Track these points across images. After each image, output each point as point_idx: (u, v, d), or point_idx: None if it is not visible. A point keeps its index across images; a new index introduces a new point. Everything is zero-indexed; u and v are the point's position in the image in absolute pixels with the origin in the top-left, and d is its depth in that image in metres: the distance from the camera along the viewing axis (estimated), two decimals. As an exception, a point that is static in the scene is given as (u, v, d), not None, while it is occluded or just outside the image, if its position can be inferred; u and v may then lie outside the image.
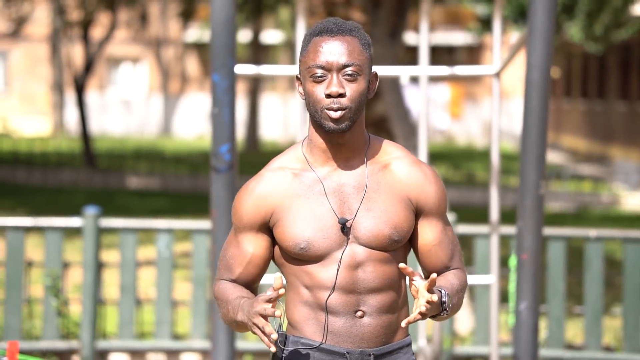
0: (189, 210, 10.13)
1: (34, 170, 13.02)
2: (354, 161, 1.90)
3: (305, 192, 1.89)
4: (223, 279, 1.95)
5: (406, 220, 1.89)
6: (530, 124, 3.08)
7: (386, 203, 1.89)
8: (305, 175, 1.90)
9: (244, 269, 1.93)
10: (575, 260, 5.75)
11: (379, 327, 1.88)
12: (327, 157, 1.90)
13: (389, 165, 1.91)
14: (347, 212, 1.88)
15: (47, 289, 4.57)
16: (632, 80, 15.98)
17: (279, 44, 21.88)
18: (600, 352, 4.51)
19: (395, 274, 1.90)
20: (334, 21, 1.89)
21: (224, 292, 1.92)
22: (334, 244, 1.87)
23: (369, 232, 1.87)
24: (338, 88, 1.84)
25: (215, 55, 3.06)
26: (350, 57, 1.85)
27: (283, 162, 1.93)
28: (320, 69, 1.85)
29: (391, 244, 1.88)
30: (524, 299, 3.09)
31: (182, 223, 4.80)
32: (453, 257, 1.94)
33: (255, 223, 1.90)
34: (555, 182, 12.70)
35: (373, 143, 1.93)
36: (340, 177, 1.90)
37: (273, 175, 1.92)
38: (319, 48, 1.85)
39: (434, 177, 1.93)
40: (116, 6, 13.88)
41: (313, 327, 1.89)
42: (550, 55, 3.06)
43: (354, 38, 1.87)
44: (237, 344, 4.49)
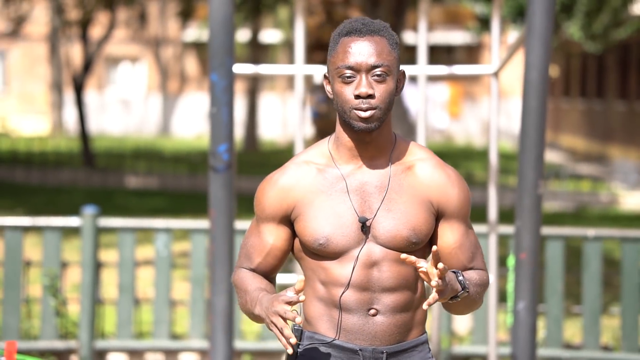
0: (187, 209, 10.13)
1: (33, 170, 13.01)
2: (379, 161, 1.92)
3: (328, 188, 1.91)
4: (243, 267, 1.97)
5: (425, 223, 1.90)
6: (529, 123, 3.08)
7: (406, 205, 1.90)
8: (329, 172, 1.92)
9: (263, 259, 1.95)
10: (574, 260, 5.75)
11: (392, 325, 1.90)
12: (352, 155, 1.91)
13: (413, 167, 1.93)
14: (368, 211, 1.90)
15: (45, 288, 4.57)
16: (631, 80, 15.98)
17: (277, 43, 21.87)
18: (599, 351, 4.51)
19: (411, 274, 1.91)
20: (363, 21, 1.89)
21: (242, 281, 1.94)
22: (353, 242, 1.89)
23: (387, 232, 1.89)
24: (367, 89, 1.85)
25: (214, 54, 3.06)
26: (379, 57, 1.86)
27: (309, 156, 1.95)
28: (349, 70, 1.86)
29: (409, 246, 1.89)
30: (522, 299, 3.09)
31: (181, 223, 4.80)
32: (474, 260, 1.94)
33: (277, 215, 1.92)
34: (554, 181, 12.70)
35: (399, 143, 1.94)
36: (363, 176, 1.91)
37: (298, 168, 1.93)
38: (347, 49, 1.86)
39: (457, 180, 1.93)
40: (115, 5, 13.87)
41: (327, 324, 1.91)
42: (548, 55, 3.06)
43: (382, 38, 1.88)
44: (236, 343, 4.49)
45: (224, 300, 3.06)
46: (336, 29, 1.93)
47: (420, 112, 3.66)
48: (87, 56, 13.78)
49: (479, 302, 1.92)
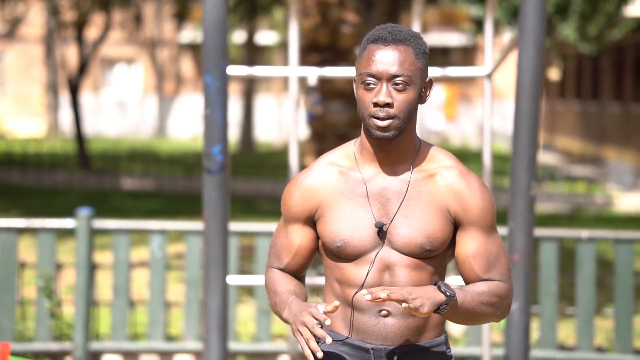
0: (183, 211, 10.13)
1: (28, 172, 13.00)
2: (401, 167, 1.93)
3: (349, 192, 1.93)
4: (273, 266, 2.03)
5: (441, 231, 1.91)
6: (522, 125, 3.09)
7: (423, 212, 1.91)
8: (351, 175, 1.94)
9: (292, 259, 2.00)
10: (568, 261, 5.77)
11: (404, 327, 1.91)
12: (374, 160, 1.93)
13: (435, 175, 1.93)
14: (385, 216, 1.92)
15: (39, 290, 4.56)
16: (626, 82, 16.02)
17: (273, 44, 21.88)
18: (592, 352, 4.52)
19: (425, 282, 1.92)
20: (390, 29, 1.91)
21: (273, 282, 2.00)
22: (369, 246, 1.92)
23: (402, 238, 1.91)
24: (385, 97, 1.87)
25: (207, 56, 3.06)
26: (400, 67, 1.87)
27: (334, 157, 1.98)
28: (371, 77, 1.88)
29: (423, 253, 1.91)
30: (515, 300, 3.10)
31: (175, 224, 4.80)
32: (490, 271, 1.91)
33: (302, 215, 1.96)
34: (549, 183, 12.73)
35: (423, 150, 1.95)
36: (384, 181, 1.93)
37: (322, 170, 1.97)
38: (372, 56, 1.89)
39: (479, 189, 1.92)
40: (110, 7, 13.86)
41: (341, 322, 1.95)
42: (541, 56, 3.07)
43: (407, 47, 1.89)
44: (230, 345, 4.49)
45: (218, 302, 3.07)
46: (367, 34, 1.97)
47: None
48: (83, 58, 13.77)
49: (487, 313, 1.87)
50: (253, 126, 18.57)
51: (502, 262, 1.93)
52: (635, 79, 15.54)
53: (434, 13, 22.26)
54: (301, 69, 3.64)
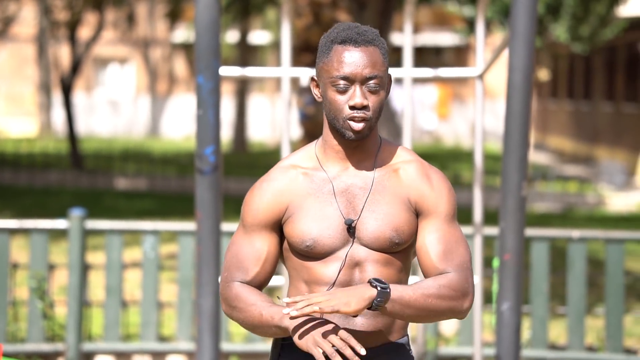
0: (176, 211, 10.12)
1: (21, 172, 12.96)
2: (365, 163, 1.94)
3: (316, 191, 1.93)
4: (235, 280, 1.94)
5: (407, 223, 1.91)
6: (513, 125, 3.11)
7: (389, 205, 1.91)
8: (316, 175, 1.94)
9: (261, 268, 1.94)
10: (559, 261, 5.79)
11: (372, 327, 1.90)
12: (339, 158, 1.94)
13: (398, 170, 1.95)
14: (352, 212, 1.92)
15: (32, 291, 4.56)
16: (618, 82, 16.08)
17: (266, 44, 21.88)
18: (583, 352, 4.54)
19: (394, 277, 1.92)
20: (357, 30, 1.90)
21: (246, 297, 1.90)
22: (339, 243, 1.91)
23: (370, 233, 1.91)
24: (362, 100, 1.87)
25: (200, 56, 3.06)
26: (374, 68, 1.88)
27: (294, 160, 1.97)
28: (344, 80, 1.88)
29: (392, 246, 1.91)
30: (506, 300, 3.11)
31: (168, 225, 4.80)
32: (446, 259, 1.89)
33: (269, 220, 1.94)
34: (541, 182, 12.76)
35: (384, 146, 1.97)
36: (349, 178, 1.93)
37: (285, 173, 1.96)
38: (342, 58, 1.88)
39: (438, 181, 1.94)
40: (103, 6, 13.84)
41: None
42: (532, 57, 3.08)
43: (375, 48, 1.90)
44: (223, 345, 4.49)
45: (210, 302, 3.07)
46: (327, 33, 1.94)
47: (407, 114, 3.68)
48: (75, 57, 13.74)
49: (437, 307, 1.83)
50: (246, 126, 18.56)
51: (460, 252, 1.90)
52: (627, 78, 15.60)
53: (427, 13, 22.29)
54: (293, 69, 3.64)
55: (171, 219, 9.16)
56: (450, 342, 4.98)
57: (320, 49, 1.93)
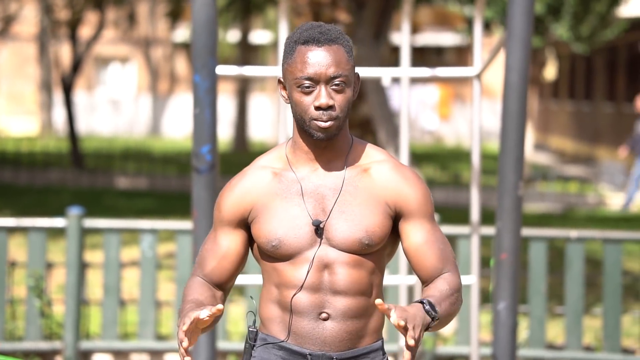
0: (176, 210, 10.12)
1: (21, 170, 12.97)
2: (335, 163, 1.92)
3: (284, 191, 1.91)
4: (195, 275, 1.96)
5: (380, 225, 1.89)
6: (509, 125, 3.11)
7: (361, 207, 1.89)
8: (285, 175, 1.92)
9: (218, 263, 1.94)
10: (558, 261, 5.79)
11: (343, 331, 1.87)
12: (308, 158, 1.92)
13: (369, 170, 1.92)
14: (322, 213, 1.89)
15: (30, 289, 4.56)
16: (619, 82, 16.07)
17: (267, 44, 21.88)
18: (581, 352, 4.54)
19: (365, 280, 1.89)
20: (320, 29, 1.88)
21: (187, 290, 1.93)
22: (306, 244, 1.88)
23: (340, 234, 1.88)
24: (327, 100, 1.85)
25: (197, 56, 3.07)
26: (338, 67, 1.86)
27: (266, 161, 1.96)
28: (309, 81, 1.86)
29: (362, 248, 1.88)
30: (503, 299, 3.11)
31: (166, 223, 4.81)
32: (444, 258, 1.90)
33: (234, 218, 1.92)
34: (542, 183, 12.76)
35: (355, 146, 1.94)
36: (318, 179, 1.91)
37: (255, 172, 1.95)
38: (306, 59, 1.86)
39: (415, 180, 1.92)
40: (104, 5, 13.84)
41: (279, 326, 1.90)
42: (528, 57, 3.09)
43: (339, 47, 1.88)
44: (220, 344, 4.50)
45: (207, 301, 3.08)
46: (291, 34, 1.93)
47: (403, 114, 3.68)
48: (76, 56, 13.75)
49: (456, 311, 1.87)
50: (247, 125, 18.57)
51: (449, 249, 1.93)
52: (628, 79, 15.59)
53: (428, 12, 22.28)
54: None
55: (171, 218, 9.16)
56: (448, 341, 4.98)
57: (285, 50, 1.91)
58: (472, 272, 3.58)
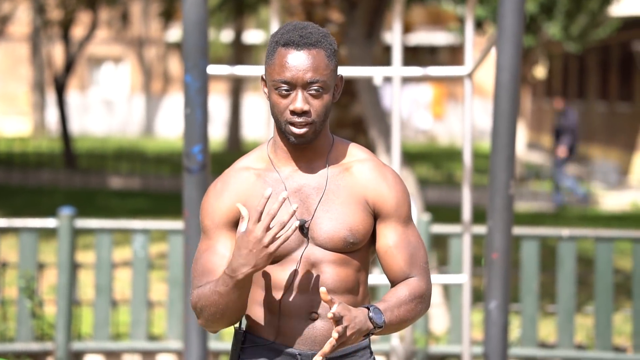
0: (169, 210, 10.11)
1: (13, 171, 12.93)
2: (316, 163, 1.91)
3: None
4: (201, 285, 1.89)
5: (362, 222, 1.89)
6: (500, 124, 3.11)
7: (344, 205, 1.89)
8: (268, 176, 1.91)
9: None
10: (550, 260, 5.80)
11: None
12: (290, 158, 1.91)
13: (351, 168, 1.92)
14: (306, 213, 1.89)
15: (21, 290, 4.55)
16: (611, 81, 16.11)
17: (261, 43, 21.86)
18: (573, 350, 4.55)
19: (352, 278, 1.90)
20: (301, 32, 1.87)
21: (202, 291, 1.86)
22: (293, 244, 1.88)
23: (325, 233, 1.88)
24: (302, 105, 1.84)
25: (187, 55, 3.06)
26: (315, 73, 1.84)
27: (247, 162, 1.95)
28: (285, 84, 1.85)
29: (346, 246, 1.89)
30: (494, 298, 3.11)
31: (158, 224, 4.79)
32: (412, 262, 1.91)
33: (228, 221, 1.90)
34: (535, 182, 12.78)
35: (337, 145, 1.94)
36: (301, 178, 1.91)
37: (238, 175, 1.93)
38: (284, 62, 1.85)
39: (394, 180, 1.92)
40: (97, 5, 13.81)
41: (267, 327, 1.89)
42: (519, 56, 3.09)
43: (319, 50, 1.86)
44: (212, 344, 4.49)
45: (198, 301, 3.07)
46: (274, 33, 1.92)
47: (395, 113, 3.68)
48: (69, 56, 13.71)
49: (415, 317, 1.88)
50: (240, 125, 18.55)
51: (421, 254, 1.92)
52: (621, 78, 15.63)
53: (422, 12, 22.30)
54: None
55: (164, 218, 9.15)
56: (440, 340, 4.98)
57: (267, 49, 1.90)
58: (464, 271, 3.58)
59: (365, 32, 5.75)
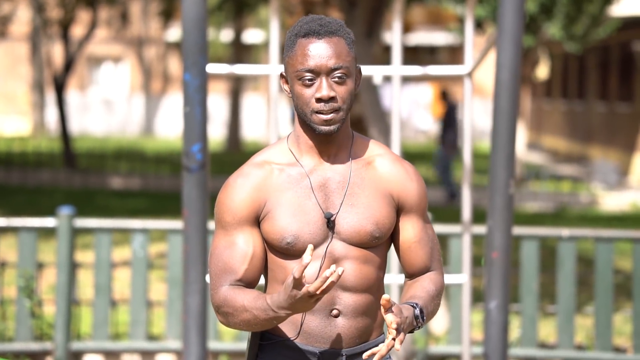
0: (169, 210, 10.10)
1: (13, 170, 12.92)
2: (340, 157, 1.91)
3: (293, 186, 1.88)
4: (224, 285, 1.86)
5: (388, 216, 1.89)
6: (500, 123, 3.10)
7: (369, 199, 1.89)
8: (292, 169, 1.90)
9: (249, 264, 1.86)
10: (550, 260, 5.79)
11: (354, 328, 1.88)
12: (314, 152, 1.90)
13: (373, 162, 1.93)
14: (331, 207, 1.89)
15: (20, 289, 4.54)
16: (611, 81, 16.11)
17: (260, 43, 21.86)
18: (573, 350, 4.54)
19: (373, 275, 1.89)
20: (320, 22, 1.88)
21: (233, 298, 1.83)
22: (319, 239, 1.87)
23: (351, 227, 1.88)
24: (329, 92, 1.84)
25: (187, 54, 3.05)
26: (338, 59, 1.85)
27: (267, 156, 1.93)
28: (310, 73, 1.85)
29: (372, 240, 1.88)
30: (494, 298, 3.10)
31: (158, 223, 4.78)
32: (432, 256, 1.94)
33: (249, 217, 1.87)
34: (535, 182, 12.78)
35: (357, 140, 1.94)
36: (325, 172, 1.90)
37: (259, 169, 1.91)
38: (306, 51, 1.85)
39: (415, 175, 1.94)
40: (97, 5, 13.80)
41: (287, 325, 1.88)
42: (519, 55, 3.08)
43: (340, 38, 1.87)
44: (212, 344, 4.48)
45: (198, 300, 3.06)
46: (292, 27, 1.92)
47: (395, 112, 3.67)
48: (69, 56, 13.70)
49: (436, 312, 1.92)
50: (240, 125, 18.54)
51: (437, 248, 1.96)
52: (621, 78, 15.63)
53: (421, 12, 22.29)
54: (282, 67, 3.63)
55: (164, 217, 9.14)
56: (440, 340, 4.97)
57: (286, 43, 1.91)
58: (464, 271, 3.58)
59: (364, 32, 5.74)
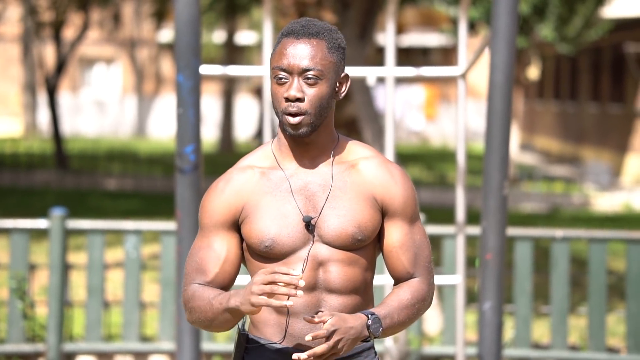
0: (161, 211, 10.08)
1: (4, 172, 12.87)
2: (321, 160, 1.90)
3: (273, 189, 1.88)
4: (194, 282, 1.89)
5: (371, 219, 1.88)
6: (494, 124, 3.11)
7: (351, 202, 1.87)
8: (273, 173, 1.90)
9: (220, 268, 1.88)
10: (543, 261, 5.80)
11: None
12: (294, 155, 1.90)
13: (357, 165, 1.91)
14: (312, 210, 1.88)
15: (12, 291, 4.52)
16: (603, 82, 16.16)
17: (253, 44, 21.85)
18: (566, 351, 4.55)
19: (359, 277, 1.88)
20: (304, 23, 1.88)
21: (200, 293, 1.85)
22: (299, 242, 1.86)
23: (332, 230, 1.86)
24: (296, 92, 1.84)
25: (180, 55, 3.04)
26: (311, 61, 1.84)
27: (251, 160, 1.93)
28: (283, 72, 1.85)
29: (354, 243, 1.87)
30: (488, 299, 3.10)
31: (151, 224, 4.77)
32: (416, 262, 1.90)
33: (226, 221, 1.89)
34: (528, 183, 12.80)
35: (341, 142, 1.93)
36: (306, 176, 1.89)
37: (242, 173, 1.91)
38: (283, 50, 1.86)
39: (402, 178, 1.91)
40: (88, 6, 13.76)
41: (273, 328, 1.87)
42: (513, 56, 3.08)
43: (320, 41, 1.86)
44: (205, 345, 4.47)
45: (191, 302, 3.05)
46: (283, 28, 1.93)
47: (388, 113, 3.67)
48: (61, 57, 13.66)
49: (414, 320, 1.89)
50: (233, 126, 18.52)
51: (425, 253, 1.92)
52: (613, 79, 15.68)
53: (414, 13, 22.32)
54: (275, 68, 3.61)
55: (156, 218, 9.11)
56: (434, 341, 4.97)
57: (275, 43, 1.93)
58: (458, 272, 3.58)
59: (358, 33, 5.74)
